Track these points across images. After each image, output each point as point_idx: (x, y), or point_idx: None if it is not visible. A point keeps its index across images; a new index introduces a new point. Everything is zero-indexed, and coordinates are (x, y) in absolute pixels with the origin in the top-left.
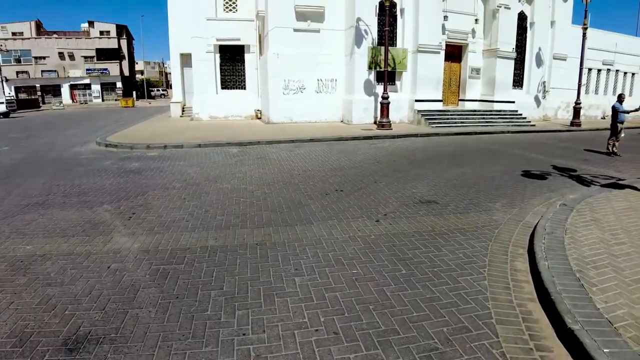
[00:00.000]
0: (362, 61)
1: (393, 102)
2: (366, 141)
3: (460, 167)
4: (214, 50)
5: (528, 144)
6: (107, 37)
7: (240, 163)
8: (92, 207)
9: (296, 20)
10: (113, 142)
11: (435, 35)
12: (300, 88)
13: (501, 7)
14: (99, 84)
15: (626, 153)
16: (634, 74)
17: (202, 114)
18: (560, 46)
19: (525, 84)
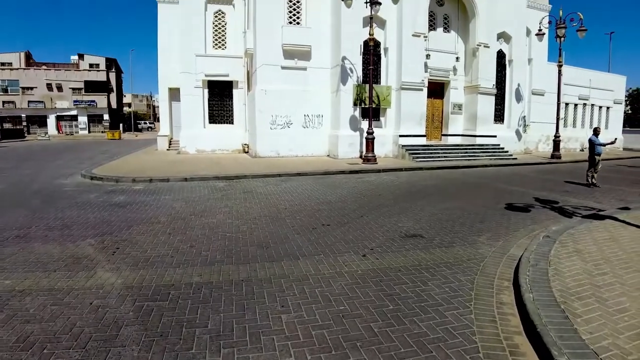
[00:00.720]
0: (348, 98)
1: (378, 137)
2: (352, 175)
3: (444, 201)
4: (202, 86)
5: (511, 176)
6: (97, 69)
7: (226, 197)
8: (75, 241)
9: (284, 58)
10: (98, 175)
11: (418, 73)
12: (287, 123)
13: (481, 46)
14: (86, 115)
15: (605, 184)
16: (608, 107)
17: (189, 147)
18: (538, 82)
19: (506, 118)
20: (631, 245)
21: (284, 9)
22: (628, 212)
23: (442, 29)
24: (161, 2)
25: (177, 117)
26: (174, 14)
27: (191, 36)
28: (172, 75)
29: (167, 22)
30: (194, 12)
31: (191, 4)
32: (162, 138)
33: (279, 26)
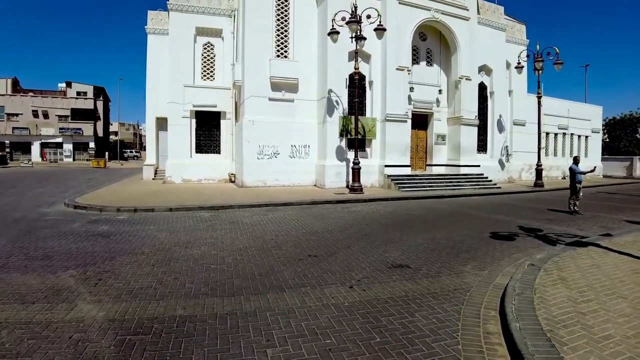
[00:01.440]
0: (334, 129)
1: (364, 167)
2: (339, 205)
3: (430, 230)
4: (190, 116)
5: (495, 205)
6: (84, 97)
7: (211, 228)
8: (56, 272)
9: (271, 90)
10: (82, 204)
11: (402, 105)
12: (275, 153)
13: (463, 79)
14: (71, 143)
15: (587, 211)
16: (586, 136)
17: (175, 177)
18: (519, 113)
19: (489, 148)
20: (614, 271)
21: (272, 42)
22: (610, 239)
23: (425, 62)
24: (151, 33)
25: (164, 146)
26: (163, 44)
27: (180, 67)
28: (159, 104)
29: (157, 53)
30: (184, 44)
31: (181, 36)
32: (148, 167)
33: (267, 59)
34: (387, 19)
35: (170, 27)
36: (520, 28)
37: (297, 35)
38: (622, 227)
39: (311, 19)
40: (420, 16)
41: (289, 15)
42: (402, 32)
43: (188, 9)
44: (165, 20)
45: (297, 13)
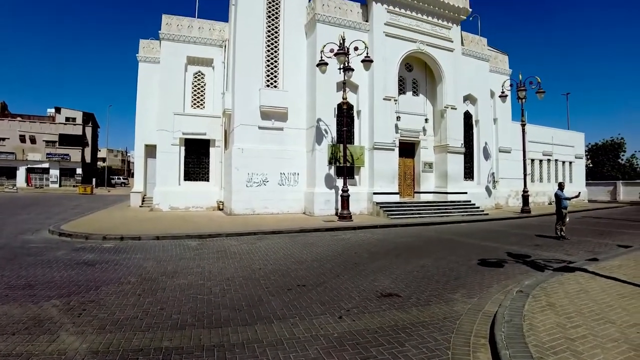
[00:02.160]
0: (323, 157)
1: (353, 194)
2: (328, 233)
3: (419, 258)
4: (179, 143)
5: (483, 232)
6: (73, 123)
7: (199, 257)
8: (39, 301)
9: (261, 119)
10: (67, 231)
11: (390, 134)
12: (264, 181)
13: (448, 108)
14: (58, 169)
15: (573, 236)
16: (570, 162)
17: (163, 204)
18: (504, 140)
19: (475, 175)
20: (601, 296)
21: (262, 72)
22: (597, 263)
23: (412, 92)
24: (142, 61)
25: (152, 173)
26: (154, 72)
27: (170, 95)
28: (149, 132)
29: (147, 81)
30: (175, 72)
31: (172, 65)
32: (135, 194)
33: (257, 89)
34: (374, 51)
35: (162, 56)
36: (503, 58)
37: (286, 65)
38: (608, 252)
39: (301, 49)
40: (406, 48)
41: (279, 46)
42: (388, 63)
43: (180, 39)
44: (156, 48)
45: (287, 44)
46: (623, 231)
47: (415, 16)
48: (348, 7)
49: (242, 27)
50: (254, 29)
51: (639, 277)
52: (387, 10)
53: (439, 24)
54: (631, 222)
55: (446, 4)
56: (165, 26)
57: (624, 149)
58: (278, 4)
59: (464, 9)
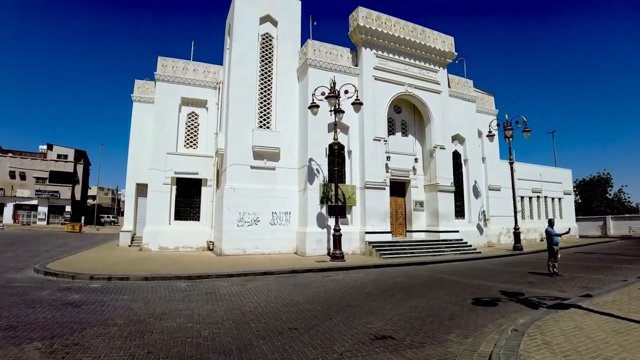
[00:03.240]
0: (315, 196)
1: (345, 234)
2: (320, 273)
3: (413, 298)
4: (170, 183)
5: (476, 271)
6: (64, 160)
7: (188, 299)
8: (20, 344)
9: (253, 158)
10: (53, 270)
11: (380, 174)
12: (255, 220)
13: (437, 148)
14: (47, 206)
15: (566, 272)
16: (560, 198)
17: (152, 244)
18: (493, 178)
19: (466, 213)
20: (597, 333)
21: (255, 114)
22: (590, 299)
23: (401, 133)
24: (136, 101)
25: (143, 212)
26: (148, 112)
27: (164, 135)
28: (141, 170)
29: (141, 120)
30: (169, 113)
31: (166, 105)
32: (124, 234)
33: (250, 129)
34: (363, 94)
35: (157, 96)
36: (489, 99)
37: (279, 106)
38: (601, 287)
39: (293, 92)
40: (395, 90)
41: (272, 88)
42: (378, 106)
43: (175, 80)
44: (151, 89)
45: (279, 86)
46: (615, 266)
47: (403, 60)
48: (338, 52)
49: (236, 70)
50: (248, 72)
51: (633, 312)
52: (376, 55)
53: (426, 68)
54: (623, 256)
55: (433, 49)
56: (161, 67)
57: (610, 184)
58: (271, 49)
59: (450, 52)
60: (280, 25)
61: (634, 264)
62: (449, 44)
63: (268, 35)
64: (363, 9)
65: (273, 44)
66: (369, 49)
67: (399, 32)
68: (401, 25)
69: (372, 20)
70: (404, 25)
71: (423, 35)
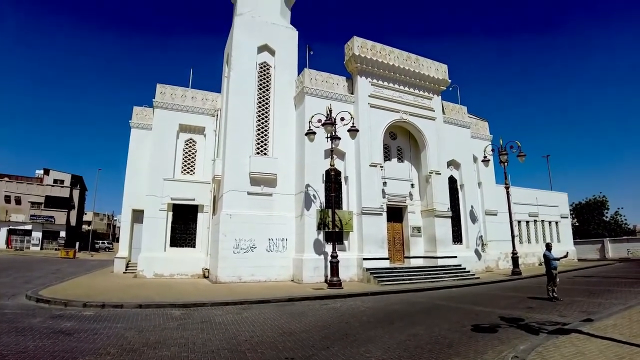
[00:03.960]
0: (312, 222)
1: (342, 260)
2: (317, 301)
3: (412, 326)
4: (167, 209)
5: (474, 296)
6: (60, 185)
7: (182, 327)
8: None
9: (250, 185)
10: (45, 297)
11: (377, 199)
12: (251, 247)
13: (433, 173)
14: (41, 231)
15: (566, 296)
16: (557, 222)
17: (147, 271)
18: (489, 203)
19: (464, 239)
20: (599, 358)
21: (253, 140)
22: (591, 324)
23: (397, 159)
24: (134, 127)
25: (138, 239)
26: (146, 138)
27: (161, 161)
28: (137, 196)
29: (138, 146)
30: (166, 139)
31: (164, 132)
32: (119, 260)
33: (247, 156)
34: (359, 121)
35: (155, 123)
36: (483, 125)
37: (276, 133)
38: (602, 311)
39: (290, 119)
40: (390, 117)
41: (269, 115)
42: (373, 132)
43: (173, 107)
44: (149, 115)
45: (276, 114)
46: (615, 289)
47: (398, 88)
48: (334, 80)
49: (234, 97)
50: (246, 100)
51: (635, 336)
52: (371, 83)
53: (420, 95)
54: (622, 279)
55: (427, 77)
56: (160, 95)
57: (607, 206)
58: (269, 78)
59: (444, 80)
60: (278, 55)
61: (634, 286)
62: (443, 71)
63: (266, 64)
64: (358, 39)
65: (270, 73)
66: (364, 77)
67: (393, 60)
68: (395, 54)
69: (367, 49)
70: (398, 54)
71: (417, 63)
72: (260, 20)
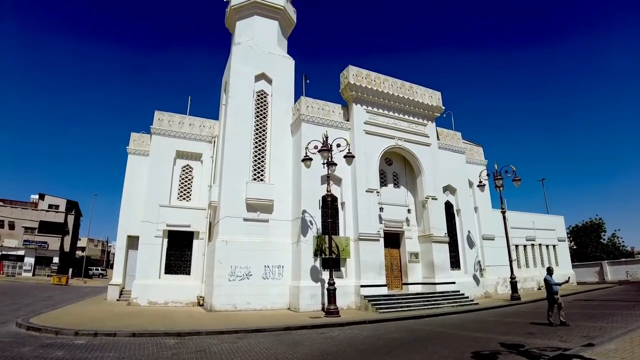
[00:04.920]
0: (308, 249)
1: (339, 287)
2: (314, 330)
3: (411, 354)
4: (162, 235)
5: (474, 323)
6: (55, 211)
7: (177, 356)
8: None
9: (247, 211)
10: (36, 325)
11: (374, 225)
12: (247, 275)
13: (429, 199)
14: (34, 257)
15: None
16: (554, 246)
17: (141, 298)
18: (486, 228)
19: (462, 264)
20: None
21: (249, 167)
22: (592, 349)
23: (393, 184)
24: (132, 154)
25: (133, 265)
26: (143, 165)
27: (157, 187)
28: (132, 223)
29: (135, 172)
30: (163, 166)
31: (161, 158)
32: (113, 287)
33: (244, 182)
34: (355, 147)
35: (152, 149)
36: (478, 150)
37: (273, 159)
38: (603, 335)
39: (286, 145)
40: (385, 144)
41: (266, 142)
42: (369, 158)
43: (170, 134)
44: (147, 142)
45: (273, 140)
46: (616, 312)
47: (393, 115)
48: (330, 108)
49: (232, 125)
50: (243, 127)
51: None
52: (366, 110)
53: (415, 122)
54: (622, 302)
55: (421, 104)
56: (157, 121)
57: (604, 228)
58: (266, 105)
59: (438, 107)
60: (275, 83)
61: (635, 309)
62: (437, 98)
63: (263, 92)
64: (353, 68)
65: (267, 100)
66: (360, 104)
67: (388, 88)
68: (390, 82)
69: (362, 78)
70: (392, 82)
71: (411, 91)
72: (257, 49)
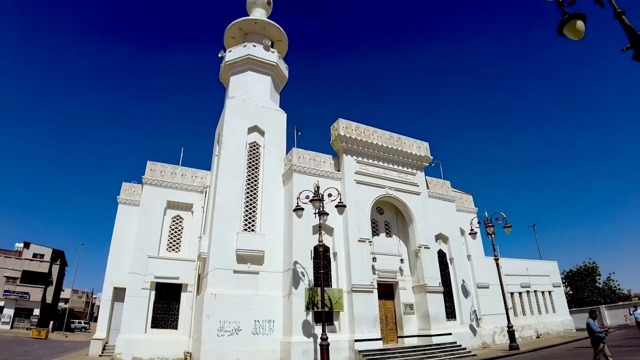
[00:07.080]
0: (300, 302)
1: (332, 342)
2: None
3: None
4: (150, 287)
5: None
6: (40, 260)
7: None
8: None
9: (237, 262)
10: None
11: (367, 275)
12: (236, 329)
13: (421, 248)
14: (13, 308)
15: None
16: (550, 292)
17: (125, 354)
18: (480, 276)
19: (457, 314)
20: None
21: (240, 217)
22: None
23: (385, 234)
24: (122, 203)
25: (118, 319)
26: (132, 215)
27: (147, 238)
28: (120, 274)
29: (125, 223)
30: (153, 216)
31: (151, 208)
32: (96, 341)
33: (235, 233)
34: (346, 197)
35: (142, 199)
36: (467, 198)
37: (264, 210)
38: None
39: (278, 195)
40: (376, 193)
41: (258, 192)
42: (361, 207)
43: (162, 184)
44: (137, 192)
45: (265, 191)
46: (623, 359)
47: (383, 165)
48: (321, 158)
49: (224, 176)
50: (235, 178)
51: None
52: (357, 161)
53: (404, 171)
54: (625, 347)
55: (409, 154)
56: (149, 172)
57: (598, 272)
58: (258, 157)
59: (426, 157)
60: (267, 135)
61: None
62: (424, 148)
63: (255, 143)
64: (343, 120)
65: (260, 152)
66: (350, 155)
67: (377, 140)
68: (379, 133)
69: (352, 130)
70: (381, 133)
71: (400, 142)
72: (251, 103)
